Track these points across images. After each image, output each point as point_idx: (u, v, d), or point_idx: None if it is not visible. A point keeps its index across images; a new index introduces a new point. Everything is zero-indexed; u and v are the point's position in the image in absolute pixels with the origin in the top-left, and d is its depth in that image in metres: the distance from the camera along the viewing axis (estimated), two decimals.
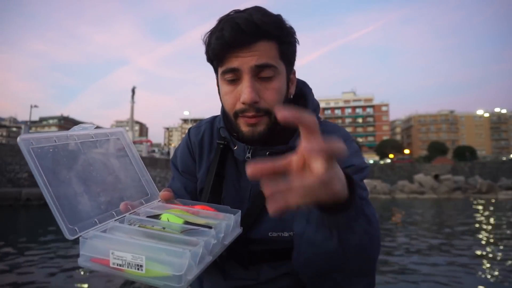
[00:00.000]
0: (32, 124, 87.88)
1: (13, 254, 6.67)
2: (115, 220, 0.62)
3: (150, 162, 24.35)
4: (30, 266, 5.75)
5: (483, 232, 10.60)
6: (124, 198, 0.68)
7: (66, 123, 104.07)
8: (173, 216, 0.61)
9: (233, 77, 0.80)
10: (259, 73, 0.78)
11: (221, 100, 0.89)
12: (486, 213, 16.45)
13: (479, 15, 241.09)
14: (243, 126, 0.83)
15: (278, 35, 0.79)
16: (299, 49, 0.88)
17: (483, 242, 8.83)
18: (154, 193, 0.76)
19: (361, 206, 0.59)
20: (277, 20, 0.79)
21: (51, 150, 0.59)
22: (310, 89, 0.97)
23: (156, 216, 0.62)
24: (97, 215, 0.60)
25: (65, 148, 0.62)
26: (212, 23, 0.84)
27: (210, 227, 0.58)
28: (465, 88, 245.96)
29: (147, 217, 0.63)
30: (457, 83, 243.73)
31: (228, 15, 0.80)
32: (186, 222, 0.60)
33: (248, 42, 0.76)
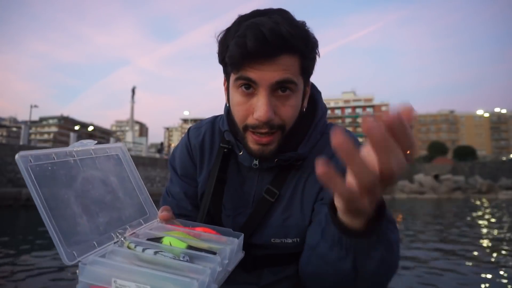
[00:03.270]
0: (32, 124, 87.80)
1: (11, 255, 6.65)
2: (115, 243, 0.59)
3: (150, 162, 24.28)
4: (28, 267, 5.73)
5: (483, 232, 10.58)
6: (122, 218, 0.66)
7: (66, 123, 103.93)
8: (176, 239, 0.59)
9: (248, 87, 0.74)
10: (277, 88, 0.74)
11: (228, 104, 0.85)
12: (487, 213, 16.43)
13: (478, 16, 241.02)
14: (252, 143, 0.78)
15: (303, 50, 0.74)
16: None
17: (484, 242, 8.81)
18: (152, 212, 0.73)
19: (385, 232, 0.55)
20: (304, 34, 0.73)
21: (49, 168, 0.56)
22: (320, 93, 0.93)
23: (158, 239, 0.60)
24: (96, 237, 0.58)
25: (64, 166, 0.59)
26: (212, 24, 0.81)
27: (214, 253, 0.55)
28: (465, 88, 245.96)
29: (148, 239, 0.61)
30: (457, 83, 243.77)
31: (250, 17, 0.73)
32: (189, 247, 0.57)
33: (272, 55, 0.70)
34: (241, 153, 0.86)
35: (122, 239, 0.60)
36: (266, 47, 0.68)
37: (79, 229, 0.56)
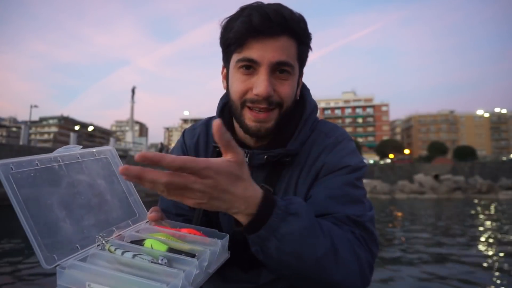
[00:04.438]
0: (32, 124, 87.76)
1: (11, 255, 6.66)
2: (98, 246, 0.60)
3: None
4: (28, 266, 5.74)
5: (483, 232, 10.58)
6: (109, 220, 0.67)
7: (66, 123, 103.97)
8: (157, 242, 0.60)
9: (249, 67, 0.78)
10: (277, 69, 0.77)
11: (227, 88, 0.86)
12: (487, 213, 16.43)
13: (479, 16, 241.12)
14: (249, 120, 0.80)
15: (300, 35, 0.79)
16: None
17: (484, 243, 8.81)
18: (142, 213, 0.74)
19: (275, 227, 0.60)
20: (303, 20, 0.80)
21: (32, 174, 0.57)
22: (308, 90, 0.95)
23: (140, 242, 0.61)
24: (79, 240, 0.58)
25: (47, 171, 0.60)
26: (212, 24, 0.82)
27: (193, 255, 0.56)
28: (465, 88, 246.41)
29: (131, 241, 0.62)
30: (457, 83, 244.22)
31: (253, 4, 0.78)
32: (170, 249, 0.58)
33: (274, 32, 0.75)
34: None
35: (103, 242, 0.60)
36: (269, 24, 0.74)
37: (61, 233, 0.56)
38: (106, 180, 0.71)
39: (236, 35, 0.76)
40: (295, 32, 0.77)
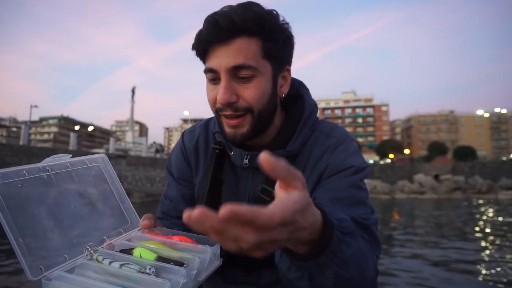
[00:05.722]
0: (32, 124, 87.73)
1: (9, 255, 6.66)
2: (86, 256, 0.59)
3: (150, 162, 24.28)
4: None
5: (483, 232, 10.57)
6: (100, 228, 0.66)
7: (66, 123, 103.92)
8: (146, 250, 0.60)
9: (213, 77, 0.78)
10: (237, 73, 0.75)
11: None
12: (486, 213, 16.42)
13: (479, 16, 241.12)
14: (226, 126, 0.81)
15: (260, 32, 0.75)
16: (300, 49, 0.86)
17: (483, 243, 8.81)
18: (134, 220, 0.74)
19: (337, 249, 0.53)
20: (260, 16, 0.74)
21: (19, 185, 0.56)
22: (307, 89, 0.94)
23: (129, 251, 0.61)
24: (68, 250, 0.58)
25: (36, 182, 0.59)
26: None
27: (182, 264, 0.56)
28: (465, 88, 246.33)
29: (121, 250, 0.61)
30: (457, 83, 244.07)
31: (214, 12, 0.77)
32: (159, 257, 0.58)
33: (225, 38, 0.74)
34: (232, 153, 0.86)
35: (91, 251, 0.59)
36: (219, 31, 0.73)
37: (48, 243, 0.56)
38: (98, 188, 0.71)
39: (195, 47, 0.79)
40: (252, 30, 0.74)
